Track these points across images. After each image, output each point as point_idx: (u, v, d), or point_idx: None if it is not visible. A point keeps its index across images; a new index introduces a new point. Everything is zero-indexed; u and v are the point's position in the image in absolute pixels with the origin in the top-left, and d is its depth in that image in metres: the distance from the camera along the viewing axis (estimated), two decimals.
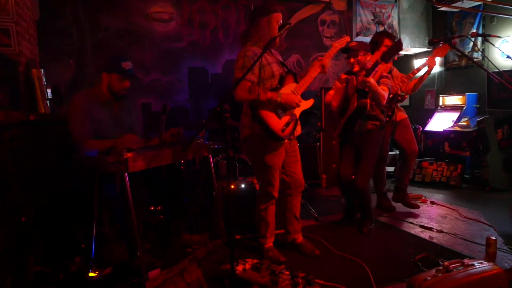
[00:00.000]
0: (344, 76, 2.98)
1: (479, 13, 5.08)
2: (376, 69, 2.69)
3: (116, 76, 2.34)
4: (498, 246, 2.49)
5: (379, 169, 3.47)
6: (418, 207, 3.53)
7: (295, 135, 2.48)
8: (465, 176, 4.61)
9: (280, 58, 2.52)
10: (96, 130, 2.27)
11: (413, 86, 3.34)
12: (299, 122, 2.49)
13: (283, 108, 2.33)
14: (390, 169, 5.04)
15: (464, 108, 4.91)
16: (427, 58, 3.32)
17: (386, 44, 3.19)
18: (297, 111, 2.40)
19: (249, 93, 2.21)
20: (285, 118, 2.34)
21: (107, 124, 2.33)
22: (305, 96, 2.43)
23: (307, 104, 2.43)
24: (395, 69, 3.48)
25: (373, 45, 3.24)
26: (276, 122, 2.30)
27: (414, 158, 3.50)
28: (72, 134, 2.23)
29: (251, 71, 2.18)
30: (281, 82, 2.34)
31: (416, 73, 3.31)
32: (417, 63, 6.20)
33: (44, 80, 2.86)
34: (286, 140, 2.38)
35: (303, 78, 2.39)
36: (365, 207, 3.02)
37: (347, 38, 2.55)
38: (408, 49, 5.89)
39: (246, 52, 2.28)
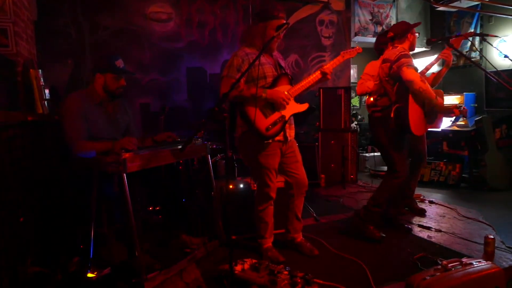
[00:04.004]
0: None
1: (477, 13, 5.10)
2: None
3: (111, 76, 2.30)
4: (496, 245, 2.50)
5: (417, 169, 3.31)
6: (425, 211, 3.44)
7: (289, 138, 2.44)
8: (463, 175, 4.62)
9: (282, 62, 2.49)
10: (91, 132, 2.23)
11: (431, 82, 3.18)
12: (293, 126, 2.47)
13: (272, 106, 2.31)
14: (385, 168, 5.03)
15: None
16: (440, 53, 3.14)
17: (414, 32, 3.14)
18: (288, 113, 2.36)
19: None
20: (272, 118, 2.31)
21: (102, 125, 2.30)
22: (304, 97, 2.41)
23: (299, 107, 2.40)
24: None
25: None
26: (261, 120, 2.28)
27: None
28: (65, 135, 2.19)
29: (236, 69, 2.23)
30: (274, 83, 2.33)
31: (430, 68, 3.16)
32: (415, 62, 6.20)
33: (42, 80, 2.85)
34: (271, 141, 2.32)
35: (300, 82, 2.37)
36: None
37: (359, 50, 2.54)
38: None
39: (238, 51, 2.32)
